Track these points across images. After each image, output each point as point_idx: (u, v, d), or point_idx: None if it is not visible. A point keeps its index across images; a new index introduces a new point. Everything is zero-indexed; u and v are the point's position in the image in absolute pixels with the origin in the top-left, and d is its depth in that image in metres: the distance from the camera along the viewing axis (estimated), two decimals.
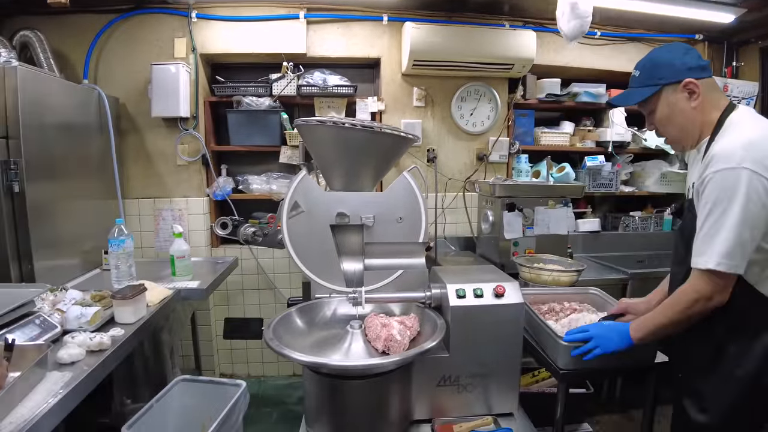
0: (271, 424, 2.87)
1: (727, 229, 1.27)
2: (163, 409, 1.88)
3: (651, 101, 1.49)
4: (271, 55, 3.08)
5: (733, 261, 1.28)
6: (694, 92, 1.41)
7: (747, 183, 1.25)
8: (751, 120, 1.39)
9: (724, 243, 1.28)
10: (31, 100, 2.17)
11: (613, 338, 1.50)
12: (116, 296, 1.80)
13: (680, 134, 1.49)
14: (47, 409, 1.22)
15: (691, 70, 1.41)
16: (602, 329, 1.55)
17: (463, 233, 3.41)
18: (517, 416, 1.65)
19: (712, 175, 1.30)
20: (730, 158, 1.28)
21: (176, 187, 3.14)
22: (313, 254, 1.92)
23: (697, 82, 1.40)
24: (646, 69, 1.50)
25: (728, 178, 1.27)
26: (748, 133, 1.33)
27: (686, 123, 1.45)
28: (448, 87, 3.29)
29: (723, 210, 1.28)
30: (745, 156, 1.26)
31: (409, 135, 2.08)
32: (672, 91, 1.44)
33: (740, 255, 1.28)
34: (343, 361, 1.46)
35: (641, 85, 1.50)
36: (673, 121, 1.47)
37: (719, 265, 1.28)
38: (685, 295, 1.38)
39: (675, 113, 1.45)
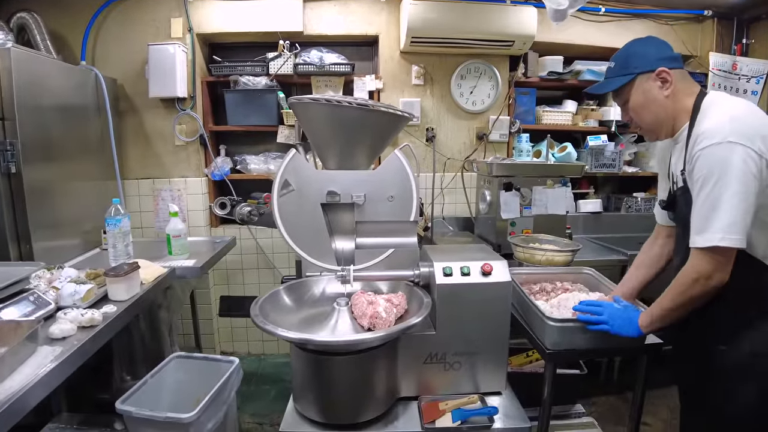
0: (269, 401, 2.92)
1: (726, 202, 1.26)
2: (158, 385, 1.92)
3: (625, 90, 1.52)
4: (268, 33, 3.06)
5: (736, 234, 1.26)
6: (666, 81, 1.45)
7: (737, 155, 1.25)
8: (727, 99, 1.42)
9: (725, 217, 1.26)
10: (27, 81, 2.18)
11: (625, 325, 1.51)
12: (109, 274, 1.82)
13: (654, 122, 1.51)
14: (35, 381, 1.25)
15: (664, 60, 1.46)
16: (617, 312, 1.54)
17: (461, 213, 3.39)
18: (505, 395, 1.65)
19: (699, 152, 1.30)
20: (717, 134, 1.28)
21: (175, 167, 3.16)
22: (304, 233, 1.92)
23: (669, 70, 1.44)
24: (620, 60, 1.55)
25: (717, 153, 1.27)
26: (729, 110, 1.35)
27: (660, 111, 1.48)
28: (448, 64, 3.25)
29: (717, 184, 1.27)
30: (732, 130, 1.27)
31: (405, 113, 2.07)
32: (645, 79, 1.48)
33: (742, 228, 1.27)
34: (328, 337, 1.47)
35: (616, 75, 1.54)
36: (647, 109, 1.50)
37: (723, 240, 1.27)
38: (685, 276, 1.37)
39: (648, 101, 1.48)
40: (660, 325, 1.48)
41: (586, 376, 2.58)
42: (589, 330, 1.56)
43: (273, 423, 2.67)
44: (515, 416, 1.57)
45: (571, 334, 1.60)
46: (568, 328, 1.60)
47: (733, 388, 1.42)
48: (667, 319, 1.46)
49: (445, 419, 1.52)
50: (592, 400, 2.91)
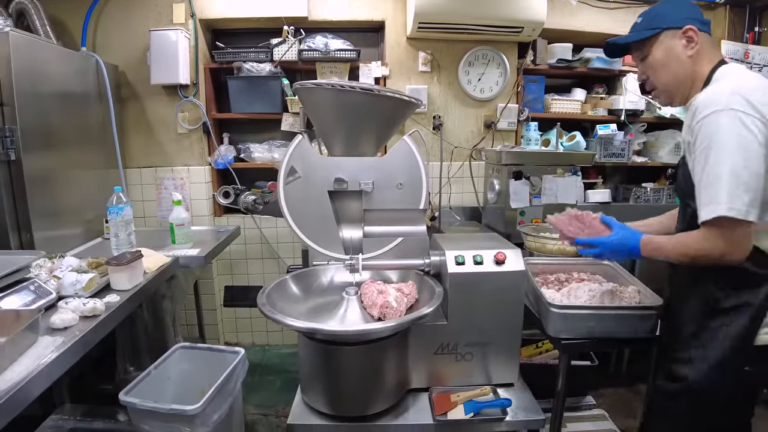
0: (274, 391, 2.89)
1: (728, 173, 1.19)
2: (162, 376, 1.88)
3: (647, 45, 1.45)
4: (272, 19, 3.00)
5: (743, 206, 1.19)
6: (692, 40, 1.38)
7: (738, 122, 1.19)
8: (739, 71, 1.36)
9: (728, 187, 1.20)
10: (26, 67, 2.13)
11: (622, 252, 1.46)
12: (111, 263, 1.78)
13: (672, 82, 1.44)
14: (36, 372, 1.21)
15: (693, 20, 1.39)
16: (614, 243, 1.47)
17: (468, 203, 3.34)
18: (517, 387, 1.62)
19: (700, 122, 1.24)
20: (716, 102, 1.23)
21: (177, 155, 3.11)
22: (311, 221, 1.88)
23: (697, 30, 1.38)
24: (648, 16, 1.48)
25: (716, 121, 1.21)
26: (737, 80, 1.30)
27: (679, 71, 1.41)
28: (455, 51, 3.18)
29: (718, 154, 1.21)
30: (731, 99, 1.21)
31: (411, 98, 2.02)
32: (671, 36, 1.41)
33: (749, 198, 1.19)
34: (337, 327, 1.43)
35: (641, 29, 1.47)
36: (667, 67, 1.43)
37: (730, 211, 1.19)
38: (698, 247, 1.29)
39: (670, 59, 1.42)
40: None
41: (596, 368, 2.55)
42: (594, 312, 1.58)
43: (278, 414, 2.64)
44: (528, 408, 1.54)
45: (574, 322, 1.57)
46: (571, 315, 1.57)
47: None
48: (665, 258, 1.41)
49: (457, 411, 1.48)
50: (601, 392, 2.88)
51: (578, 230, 1.56)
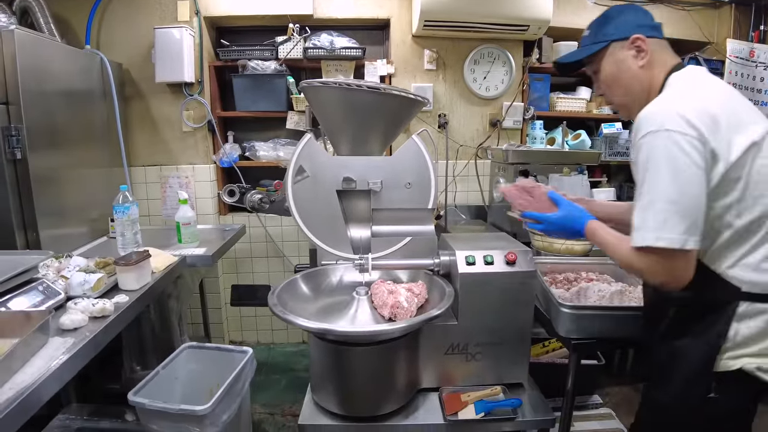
0: (279, 390, 2.89)
1: (662, 200, 1.11)
2: (170, 376, 1.88)
3: (596, 59, 1.38)
4: (277, 17, 2.98)
5: (677, 234, 1.09)
6: (642, 50, 1.30)
7: (672, 144, 1.10)
8: (687, 80, 1.26)
9: (660, 213, 1.11)
10: (31, 65, 2.12)
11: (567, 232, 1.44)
12: (119, 262, 1.77)
13: (626, 96, 1.37)
14: (48, 374, 1.20)
15: (641, 27, 1.32)
16: (559, 221, 1.44)
17: (473, 201, 3.33)
18: (526, 387, 1.62)
19: (639, 142, 1.16)
20: (652, 122, 1.14)
21: (182, 154, 3.10)
22: (319, 220, 1.88)
23: (645, 38, 1.30)
24: (594, 26, 1.40)
25: (651, 143, 1.12)
26: (677, 94, 1.20)
27: (632, 83, 1.34)
28: (461, 49, 3.16)
29: (653, 179, 1.12)
30: (667, 118, 1.12)
31: (418, 97, 2.01)
32: (619, 47, 1.33)
33: (685, 226, 1.09)
34: (349, 328, 1.42)
35: (590, 43, 1.39)
36: (618, 81, 1.36)
37: (658, 240, 1.10)
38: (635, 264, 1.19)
39: (621, 71, 1.34)
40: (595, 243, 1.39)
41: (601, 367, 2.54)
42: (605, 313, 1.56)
43: (284, 413, 2.64)
44: (538, 408, 1.54)
45: (585, 322, 1.56)
46: (582, 316, 1.56)
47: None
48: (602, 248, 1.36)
49: (467, 411, 1.49)
50: (606, 391, 2.87)
51: (527, 203, 1.53)
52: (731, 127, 1.13)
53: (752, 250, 1.15)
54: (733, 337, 1.16)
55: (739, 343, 1.16)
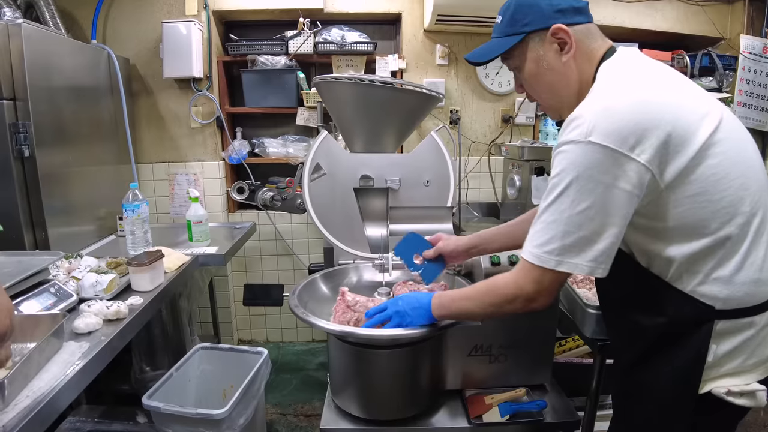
0: (291, 390, 2.85)
1: (558, 216, 0.96)
2: (183, 378, 1.85)
3: (515, 54, 1.14)
4: (287, 11, 2.93)
5: (551, 255, 0.97)
6: (566, 43, 1.07)
7: (593, 159, 0.92)
8: (621, 71, 1.04)
9: (547, 231, 0.97)
10: (38, 59, 2.07)
11: (413, 315, 1.24)
12: (132, 263, 1.73)
13: (550, 96, 1.16)
14: (65, 381, 1.16)
15: (562, 12, 1.07)
16: (402, 304, 1.27)
17: (485, 199, 3.29)
18: (549, 388, 1.59)
19: (556, 151, 0.98)
20: (577, 128, 0.94)
21: (191, 150, 3.05)
22: (335, 219, 1.84)
23: (567, 28, 1.06)
24: (507, 13, 1.13)
25: (570, 154, 0.94)
26: (610, 91, 0.99)
27: (556, 82, 1.11)
28: (474, 44, 3.10)
29: (559, 191, 0.95)
30: (595, 126, 0.92)
31: (433, 92, 1.97)
32: (538, 40, 1.10)
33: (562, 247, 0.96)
34: (372, 330, 1.38)
35: (503, 35, 1.14)
36: (541, 80, 1.13)
37: (531, 256, 1.00)
38: (506, 287, 1.08)
39: (543, 69, 1.11)
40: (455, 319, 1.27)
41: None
42: None
43: (297, 413, 2.61)
44: (562, 410, 1.51)
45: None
46: None
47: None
48: (464, 317, 1.24)
49: (492, 414, 1.45)
50: None
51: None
52: (676, 131, 0.93)
53: (721, 263, 0.98)
54: (712, 360, 1.01)
55: (713, 364, 1.02)
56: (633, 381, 1.13)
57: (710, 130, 0.95)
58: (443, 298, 1.23)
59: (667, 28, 3.20)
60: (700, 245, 0.97)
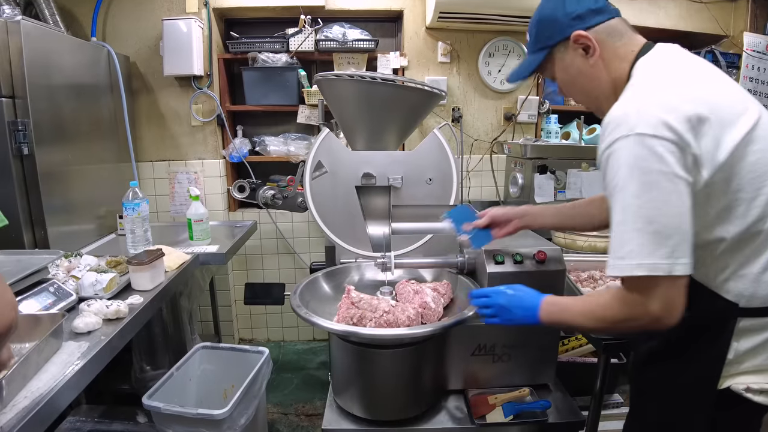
0: (292, 389, 2.84)
1: (635, 219, 0.92)
2: (184, 377, 1.83)
3: (546, 67, 1.19)
4: (288, 8, 2.91)
5: (661, 260, 0.90)
6: (588, 46, 1.09)
7: (646, 151, 0.91)
8: (660, 67, 1.04)
9: (636, 236, 0.92)
10: (37, 57, 2.06)
11: (518, 315, 1.19)
12: (132, 262, 1.71)
13: (588, 98, 1.18)
14: (64, 382, 1.15)
15: (579, 18, 1.09)
16: (509, 299, 1.22)
17: (488, 197, 3.27)
18: (552, 387, 1.58)
19: (607, 151, 0.96)
20: (621, 124, 0.94)
21: (191, 148, 3.04)
22: (337, 217, 1.83)
23: (587, 33, 1.08)
24: (532, 31, 1.19)
25: (619, 152, 0.93)
26: (650, 85, 1.00)
27: (589, 85, 1.14)
28: (476, 41, 3.09)
29: (623, 197, 0.93)
30: (639, 118, 0.92)
31: (435, 90, 1.95)
32: (563, 50, 1.13)
33: (668, 250, 0.90)
34: (376, 330, 1.37)
35: (531, 52, 1.20)
36: (575, 85, 1.17)
37: (638, 268, 0.92)
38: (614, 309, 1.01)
39: (574, 76, 1.15)
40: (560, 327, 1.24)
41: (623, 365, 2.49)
42: None
43: (298, 413, 2.59)
44: (566, 409, 1.50)
45: None
46: None
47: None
48: (572, 329, 1.23)
49: (495, 414, 1.44)
50: (622, 389, 2.82)
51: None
52: (718, 123, 0.93)
53: (749, 260, 0.97)
54: (733, 357, 1.01)
55: (734, 361, 1.02)
56: (652, 375, 1.14)
57: (749, 126, 0.95)
58: (554, 307, 1.16)
59: (670, 26, 3.18)
60: (731, 241, 0.97)
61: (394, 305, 1.40)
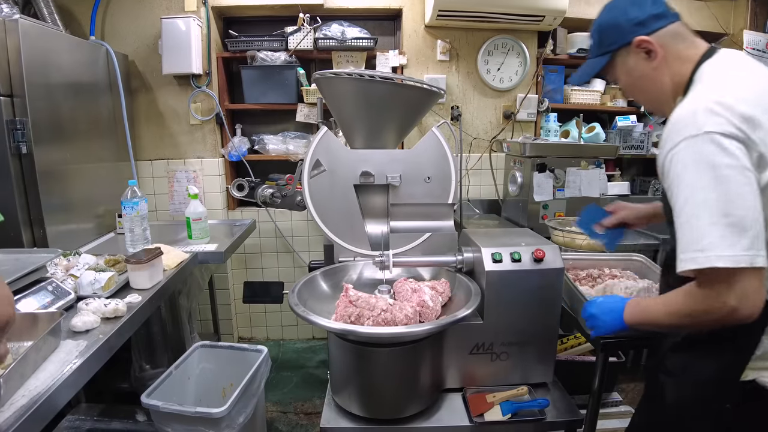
0: (291, 388, 2.84)
1: (710, 213, 0.94)
2: (183, 376, 1.83)
3: (610, 71, 1.25)
4: (287, 6, 2.91)
5: (742, 251, 0.92)
6: (651, 51, 1.14)
7: (716, 148, 0.94)
8: (725, 69, 1.07)
9: (715, 229, 0.94)
10: (35, 55, 2.06)
11: (606, 320, 1.26)
12: (131, 261, 1.71)
13: (649, 100, 1.24)
14: (62, 380, 1.15)
15: (641, 24, 1.14)
16: (599, 309, 1.29)
17: (486, 195, 3.27)
18: (551, 386, 1.57)
19: (674, 151, 0.99)
20: (689, 124, 0.97)
21: (190, 147, 3.04)
22: (335, 216, 1.82)
23: (649, 38, 1.13)
24: (595, 36, 1.25)
25: (687, 152, 0.97)
26: (715, 87, 1.03)
27: (651, 87, 1.19)
28: (475, 40, 3.09)
29: (694, 190, 0.96)
30: (707, 118, 0.96)
31: (434, 88, 1.95)
32: (625, 54, 1.19)
33: (748, 241, 0.92)
34: (374, 329, 1.37)
35: (595, 56, 1.25)
36: (638, 87, 1.23)
37: (718, 260, 0.93)
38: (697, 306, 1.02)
39: (636, 79, 1.20)
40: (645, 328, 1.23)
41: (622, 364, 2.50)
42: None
43: (297, 411, 2.59)
44: (564, 408, 1.49)
45: None
46: None
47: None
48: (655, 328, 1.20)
49: (493, 412, 1.43)
50: (621, 387, 2.83)
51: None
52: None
53: None
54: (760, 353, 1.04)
55: (760, 357, 1.05)
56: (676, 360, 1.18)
57: None
58: (636, 307, 1.20)
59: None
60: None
61: (392, 304, 1.40)
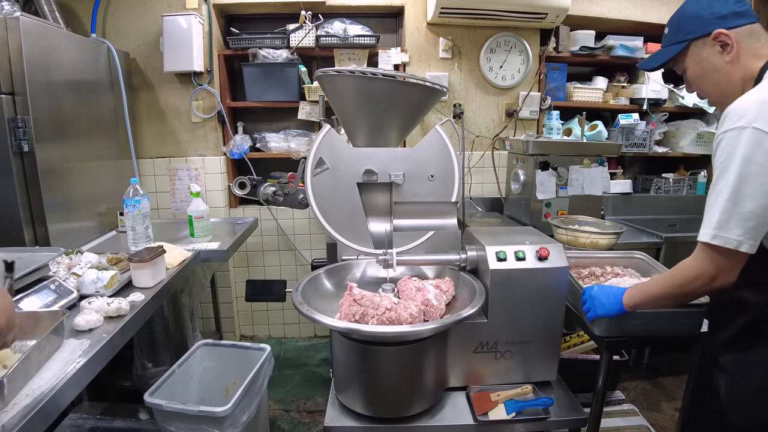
0: (294, 386, 2.84)
1: (723, 198, 1.09)
2: (186, 375, 1.83)
3: (681, 60, 1.31)
4: (288, 4, 2.90)
5: (727, 234, 1.08)
6: (727, 44, 1.20)
7: (756, 145, 1.04)
8: None
9: (718, 213, 1.10)
10: (37, 53, 2.05)
11: (604, 302, 1.42)
12: (133, 259, 1.71)
13: (717, 93, 1.29)
14: (65, 380, 1.15)
15: (723, 18, 1.21)
16: (599, 291, 1.45)
17: (489, 194, 3.27)
18: (555, 385, 1.57)
19: (721, 136, 1.11)
20: (741, 116, 1.06)
21: (191, 145, 3.03)
22: (338, 214, 1.82)
23: (729, 32, 1.19)
24: (673, 25, 1.32)
25: (734, 139, 1.07)
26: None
27: (722, 80, 1.25)
28: (477, 37, 3.08)
29: (723, 177, 1.09)
30: (758, 114, 1.04)
31: (436, 86, 1.94)
32: (701, 45, 1.25)
33: (739, 228, 1.07)
34: (378, 327, 1.36)
35: (670, 44, 1.32)
36: (707, 79, 1.28)
37: (714, 239, 1.10)
38: (686, 270, 1.21)
39: (707, 70, 1.26)
40: (646, 308, 1.38)
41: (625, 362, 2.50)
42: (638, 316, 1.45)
43: (299, 409, 2.59)
44: (568, 407, 1.49)
45: (621, 320, 1.47)
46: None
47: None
48: (655, 305, 1.36)
49: (498, 411, 1.43)
50: (624, 386, 2.83)
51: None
52: None
53: None
54: None
55: None
56: (727, 360, 1.24)
57: None
58: (634, 288, 1.39)
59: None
60: None
61: (396, 302, 1.39)
